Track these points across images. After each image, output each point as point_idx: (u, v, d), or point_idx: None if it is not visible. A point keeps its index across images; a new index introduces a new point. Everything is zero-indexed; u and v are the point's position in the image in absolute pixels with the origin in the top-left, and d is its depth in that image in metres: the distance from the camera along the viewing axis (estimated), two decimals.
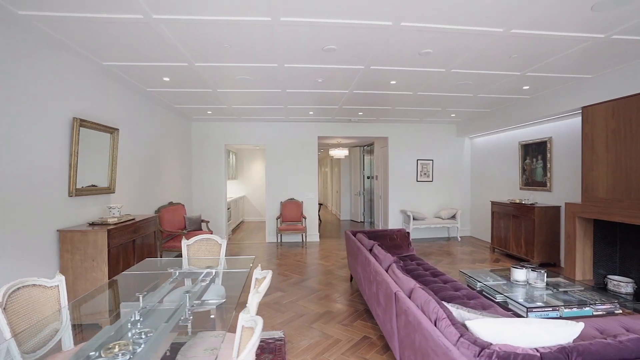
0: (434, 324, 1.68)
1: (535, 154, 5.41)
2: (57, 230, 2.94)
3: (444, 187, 7.48)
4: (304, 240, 6.96)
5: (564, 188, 4.90)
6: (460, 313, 1.87)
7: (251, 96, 4.83)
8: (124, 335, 1.67)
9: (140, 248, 3.68)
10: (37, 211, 2.77)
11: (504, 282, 3.49)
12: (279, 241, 7.04)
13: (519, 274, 3.41)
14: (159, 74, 3.73)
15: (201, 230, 6.11)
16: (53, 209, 2.94)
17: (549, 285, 3.34)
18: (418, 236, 7.33)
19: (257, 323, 1.22)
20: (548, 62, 3.44)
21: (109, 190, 3.73)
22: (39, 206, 2.79)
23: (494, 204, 5.92)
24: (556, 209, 4.86)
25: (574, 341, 1.55)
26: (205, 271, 2.70)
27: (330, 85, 4.28)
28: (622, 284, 3.68)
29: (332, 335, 2.92)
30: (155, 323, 1.83)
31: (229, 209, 7.90)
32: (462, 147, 7.51)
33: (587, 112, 4.04)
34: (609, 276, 3.83)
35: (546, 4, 2.28)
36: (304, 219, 6.92)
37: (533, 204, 5.09)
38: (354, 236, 4.09)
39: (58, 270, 2.94)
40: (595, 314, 2.92)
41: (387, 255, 2.91)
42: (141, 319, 1.84)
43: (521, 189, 5.76)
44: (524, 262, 5.15)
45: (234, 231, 8.59)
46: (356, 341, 2.80)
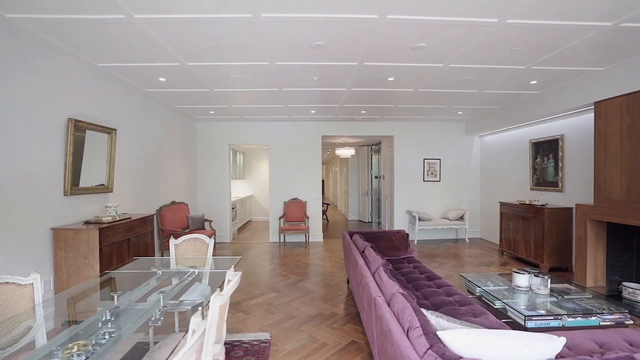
0: (406, 332, 1.58)
1: (546, 152, 5.13)
2: (51, 229, 3.01)
3: (452, 187, 7.25)
4: (307, 240, 6.91)
5: (576, 188, 4.62)
6: (439, 322, 1.76)
7: (249, 95, 4.82)
8: (91, 335, 1.66)
9: (136, 246, 3.73)
10: (32, 210, 2.84)
11: (506, 287, 3.31)
12: (282, 241, 7.02)
13: (521, 279, 3.22)
14: (154, 74, 3.77)
15: (204, 229, 6.18)
16: (48, 207, 3.01)
17: (554, 291, 3.14)
18: (424, 237, 7.14)
19: (200, 327, 1.17)
20: (553, 55, 3.23)
21: (106, 190, 3.81)
22: (33, 205, 2.86)
23: (502, 204, 5.66)
24: (568, 210, 4.58)
25: (556, 357, 1.42)
26: (190, 271, 2.68)
27: (327, 83, 4.20)
28: (639, 292, 3.42)
29: (319, 338, 2.85)
30: (127, 323, 1.82)
31: (234, 208, 7.96)
32: (471, 146, 7.25)
33: (600, 108, 3.78)
34: (624, 283, 3.57)
35: None
36: (307, 219, 6.87)
37: (543, 205, 4.83)
38: (351, 237, 4.00)
39: (52, 268, 3.02)
40: (602, 324, 2.71)
41: (376, 258, 2.81)
42: (112, 319, 1.84)
43: (532, 189, 5.48)
44: (533, 266, 4.90)
45: (241, 230, 8.64)
46: (343, 346, 2.72)
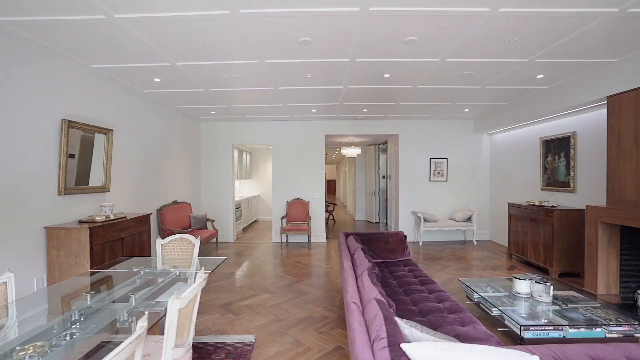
0: (372, 343, 1.48)
1: (557, 150, 4.84)
2: (45, 227, 3.07)
3: (459, 187, 6.99)
4: (309, 241, 6.84)
5: (589, 189, 4.33)
6: (412, 332, 1.65)
7: (246, 95, 4.79)
8: (55, 336, 1.65)
9: (131, 245, 3.77)
10: (26, 209, 2.91)
11: (506, 294, 3.13)
12: (285, 241, 6.99)
13: (522, 285, 3.03)
14: (148, 74, 3.79)
15: (206, 228, 6.22)
16: (42, 207, 3.07)
17: (557, 299, 2.93)
18: (430, 239, 6.92)
19: (140, 330, 1.12)
20: (557, 46, 3.02)
21: (103, 189, 3.87)
22: (27, 204, 2.92)
23: (511, 206, 5.40)
24: (579, 212, 4.30)
25: None
26: (175, 270, 2.66)
27: (322, 81, 4.11)
28: None
29: (304, 343, 2.77)
30: (95, 323, 1.81)
31: (238, 208, 7.99)
32: (480, 145, 6.97)
33: (613, 102, 3.51)
34: (639, 291, 3.30)
35: None
36: (309, 219, 6.80)
37: (554, 206, 4.56)
38: (346, 238, 3.90)
39: (45, 266, 3.08)
40: (608, 336, 2.51)
41: (364, 261, 2.71)
42: (81, 319, 1.83)
43: (542, 189, 5.19)
44: (542, 271, 4.63)
45: (246, 230, 8.68)
46: (328, 351, 2.63)
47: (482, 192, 7.00)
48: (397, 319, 1.72)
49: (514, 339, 2.73)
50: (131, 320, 1.86)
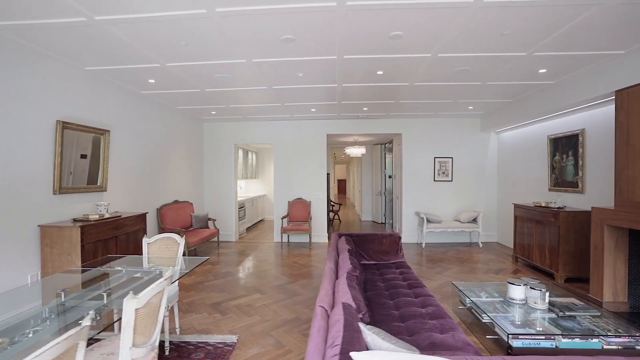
0: (325, 350, 1.43)
1: (565, 149, 4.59)
2: (39, 226, 3.17)
3: (465, 187, 6.77)
4: (310, 240, 6.80)
5: (599, 189, 4.08)
6: (374, 339, 1.58)
7: (241, 94, 4.80)
8: (19, 333, 1.67)
9: (125, 244, 3.85)
10: (21, 208, 3.01)
11: (500, 299, 2.98)
12: (287, 241, 6.97)
13: (516, 291, 2.88)
14: (142, 76, 3.85)
15: (207, 228, 6.29)
16: (37, 206, 3.17)
17: (554, 306, 2.77)
18: (434, 240, 6.73)
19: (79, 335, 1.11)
20: (555, 38, 2.84)
21: (100, 189, 3.96)
22: (22, 203, 3.02)
23: (516, 207, 5.17)
24: (587, 214, 4.05)
25: None
26: (158, 270, 2.68)
27: (315, 79, 4.06)
28: None
29: (286, 345, 2.73)
30: (65, 321, 1.83)
31: (242, 207, 8.05)
32: (486, 143, 6.72)
33: (622, 97, 3.28)
34: None
35: None
36: (310, 219, 6.76)
37: (560, 207, 4.33)
38: (339, 239, 3.83)
39: (39, 263, 3.18)
40: (606, 347, 2.33)
41: (346, 263, 2.65)
42: (52, 316, 1.86)
43: (550, 189, 4.94)
44: (547, 275, 4.41)
45: (250, 229, 8.73)
46: None
47: (490, 192, 6.75)
48: (360, 325, 1.65)
49: (504, 348, 2.59)
50: (99, 318, 1.87)
